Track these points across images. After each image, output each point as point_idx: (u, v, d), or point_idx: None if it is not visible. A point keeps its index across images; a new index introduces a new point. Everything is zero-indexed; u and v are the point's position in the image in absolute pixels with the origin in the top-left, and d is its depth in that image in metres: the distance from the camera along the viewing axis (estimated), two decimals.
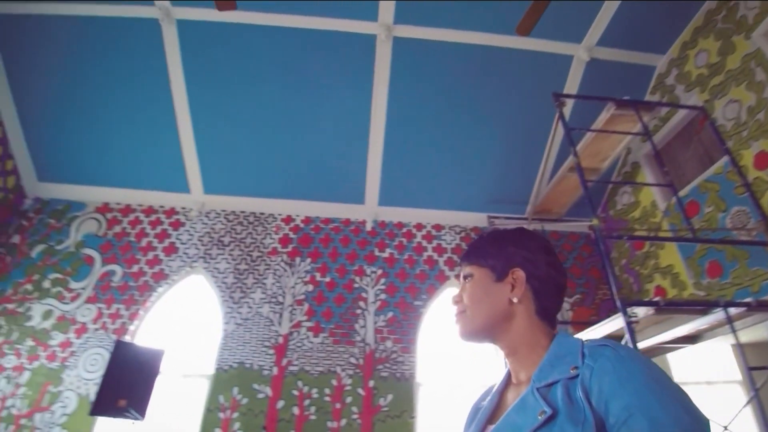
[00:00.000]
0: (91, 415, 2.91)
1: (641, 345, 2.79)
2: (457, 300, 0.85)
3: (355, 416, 3.63)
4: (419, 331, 4.15)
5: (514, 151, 4.44)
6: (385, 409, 3.70)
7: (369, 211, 4.70)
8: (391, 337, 4.06)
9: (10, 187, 4.22)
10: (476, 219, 4.78)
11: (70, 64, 3.90)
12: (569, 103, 3.86)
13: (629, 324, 2.35)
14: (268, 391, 3.70)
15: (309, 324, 4.05)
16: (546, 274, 0.80)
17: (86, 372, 3.64)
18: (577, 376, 0.64)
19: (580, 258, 4.75)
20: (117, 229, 4.41)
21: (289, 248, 4.48)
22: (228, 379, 3.72)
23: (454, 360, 4.07)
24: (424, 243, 4.65)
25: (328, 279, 4.33)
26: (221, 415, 3.56)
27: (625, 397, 0.57)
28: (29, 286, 3.98)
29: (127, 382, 3.14)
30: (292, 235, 4.56)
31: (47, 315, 3.87)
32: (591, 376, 0.62)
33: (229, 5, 2.78)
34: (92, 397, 3.30)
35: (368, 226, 4.69)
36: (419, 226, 4.76)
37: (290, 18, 3.65)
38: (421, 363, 4.01)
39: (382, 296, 4.27)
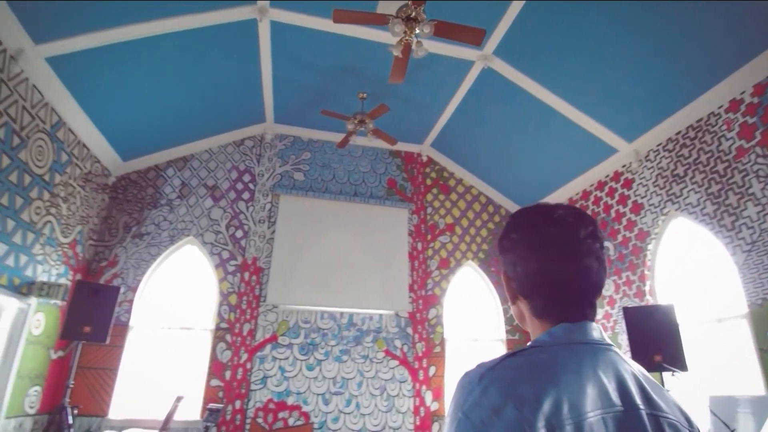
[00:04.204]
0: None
1: None
2: None
3: None
4: None
5: None
6: None
7: None
8: None
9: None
10: None
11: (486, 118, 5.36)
12: None
13: None
14: None
15: None
16: (523, 271, 0.70)
17: None
18: None
19: None
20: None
21: (757, 137, 3.32)
22: (767, 314, 3.09)
23: None
24: None
25: None
26: None
27: None
28: None
29: (655, 340, 3.42)
30: (751, 120, 3.38)
31: None
32: None
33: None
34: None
35: None
36: None
37: None
38: None
39: None
